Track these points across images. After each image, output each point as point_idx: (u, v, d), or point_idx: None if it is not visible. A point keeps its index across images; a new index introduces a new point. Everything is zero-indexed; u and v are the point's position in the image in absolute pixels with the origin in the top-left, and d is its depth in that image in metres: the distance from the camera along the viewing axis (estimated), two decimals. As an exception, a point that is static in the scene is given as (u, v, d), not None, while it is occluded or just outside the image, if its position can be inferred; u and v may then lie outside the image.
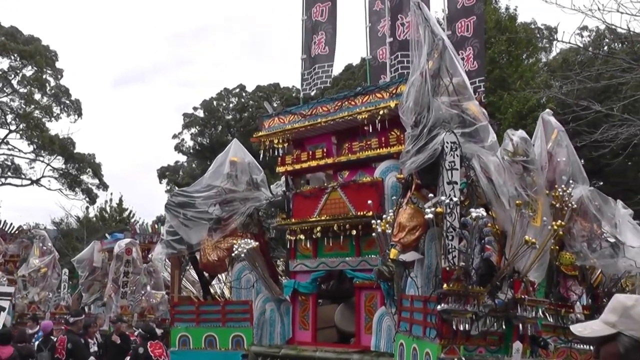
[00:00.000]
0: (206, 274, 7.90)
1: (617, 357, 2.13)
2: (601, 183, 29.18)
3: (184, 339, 7.19)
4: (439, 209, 4.45)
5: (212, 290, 8.16)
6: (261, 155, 7.17)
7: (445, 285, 4.36)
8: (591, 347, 6.48)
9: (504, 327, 4.78)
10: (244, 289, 7.17)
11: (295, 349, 6.48)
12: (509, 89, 17.81)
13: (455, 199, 4.40)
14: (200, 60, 73.66)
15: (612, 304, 2.20)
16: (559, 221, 5.06)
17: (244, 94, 43.33)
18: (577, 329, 2.25)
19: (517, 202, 4.56)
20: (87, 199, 40.10)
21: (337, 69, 40.76)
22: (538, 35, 25.04)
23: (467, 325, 4.42)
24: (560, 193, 6.11)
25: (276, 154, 7.03)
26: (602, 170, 20.98)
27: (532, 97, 18.22)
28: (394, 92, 6.09)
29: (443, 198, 4.43)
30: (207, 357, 7.01)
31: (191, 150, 43.89)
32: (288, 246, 6.90)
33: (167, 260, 8.38)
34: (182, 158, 44.57)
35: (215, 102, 43.36)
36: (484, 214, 4.39)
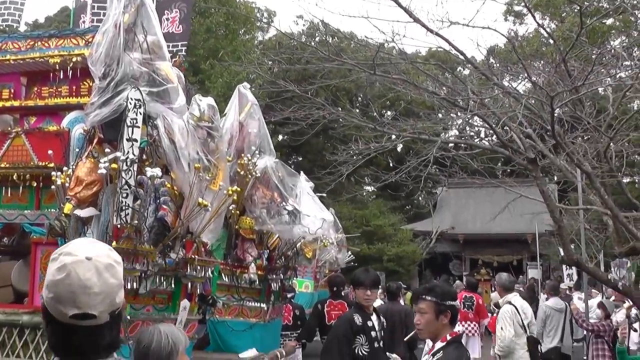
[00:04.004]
0: None
1: None
2: (300, 158, 31.52)
3: None
4: (114, 165, 4.38)
5: None
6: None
7: (114, 243, 4.32)
8: (262, 305, 7.02)
9: (173, 286, 4.92)
10: None
11: (-42, 313, 5.86)
12: (222, 60, 18.25)
13: (132, 157, 4.36)
14: None
15: None
16: (235, 187, 5.33)
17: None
18: None
19: (196, 165, 4.68)
20: None
21: (53, 9, 37.99)
22: (258, 15, 25.91)
23: (135, 284, 4.44)
24: (246, 162, 6.42)
25: (-42, 88, 6.28)
26: (303, 147, 22.56)
27: (242, 71, 18.85)
28: (89, 40, 5.79)
29: (119, 154, 4.37)
30: None
31: None
32: (-37, 196, 6.22)
33: None
34: None
35: None
36: (160, 173, 4.43)
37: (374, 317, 6.20)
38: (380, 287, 9.38)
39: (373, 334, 6.03)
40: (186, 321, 4.99)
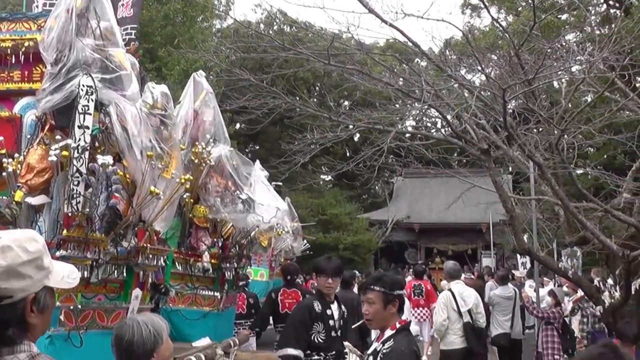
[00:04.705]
0: None
1: None
2: (257, 147, 31.45)
3: None
4: (65, 152, 4.32)
5: None
6: None
7: (65, 231, 4.28)
8: (216, 293, 6.99)
9: (125, 274, 4.89)
10: None
11: None
12: (179, 48, 18.07)
13: (83, 144, 4.31)
14: None
15: None
16: (188, 175, 5.31)
17: None
18: None
19: (149, 153, 4.64)
20: None
21: (7, -7, 37.17)
22: (216, 3, 25.68)
23: (86, 273, 4.40)
24: (200, 150, 6.39)
25: None
26: (259, 136, 22.48)
27: (199, 59, 18.71)
28: (42, 24, 5.68)
29: (70, 141, 4.31)
30: None
31: None
32: None
33: None
34: None
35: None
36: (112, 161, 4.39)
37: (334, 306, 6.14)
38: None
39: (331, 322, 5.98)
40: (138, 310, 4.97)
